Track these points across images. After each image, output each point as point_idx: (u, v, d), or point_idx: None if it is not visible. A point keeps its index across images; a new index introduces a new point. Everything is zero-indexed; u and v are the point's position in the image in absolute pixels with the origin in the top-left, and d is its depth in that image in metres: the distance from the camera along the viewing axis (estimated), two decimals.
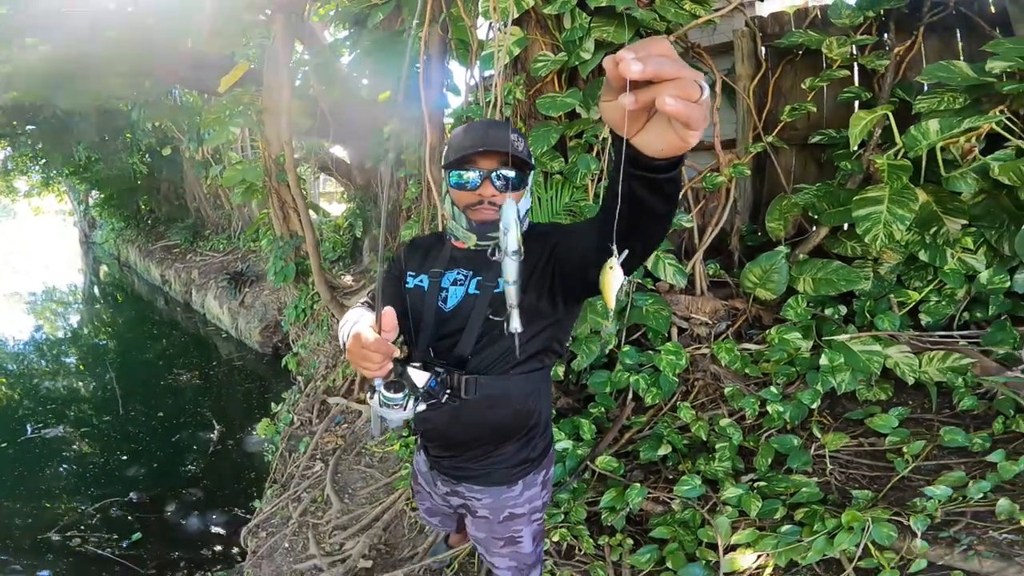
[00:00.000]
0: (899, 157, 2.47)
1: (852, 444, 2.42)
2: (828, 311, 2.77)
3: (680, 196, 0.91)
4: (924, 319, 2.66)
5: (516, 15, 2.73)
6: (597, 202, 2.84)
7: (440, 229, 2.94)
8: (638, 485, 2.26)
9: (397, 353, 1.12)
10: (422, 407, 1.25)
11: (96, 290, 13.92)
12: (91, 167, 10.12)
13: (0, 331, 9.99)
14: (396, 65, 3.40)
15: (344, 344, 1.24)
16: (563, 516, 2.33)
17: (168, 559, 3.76)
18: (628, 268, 1.04)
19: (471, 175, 1.25)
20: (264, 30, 3.92)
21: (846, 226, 2.90)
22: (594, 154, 2.85)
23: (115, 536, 4.00)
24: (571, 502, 2.37)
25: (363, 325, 1.10)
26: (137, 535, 3.98)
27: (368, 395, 1.25)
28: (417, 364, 1.27)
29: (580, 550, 2.23)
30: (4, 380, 7.54)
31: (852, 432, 2.47)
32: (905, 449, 2.23)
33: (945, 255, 2.52)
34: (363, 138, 4.30)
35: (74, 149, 9.25)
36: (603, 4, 2.65)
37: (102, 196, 14.13)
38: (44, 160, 10.92)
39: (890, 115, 2.53)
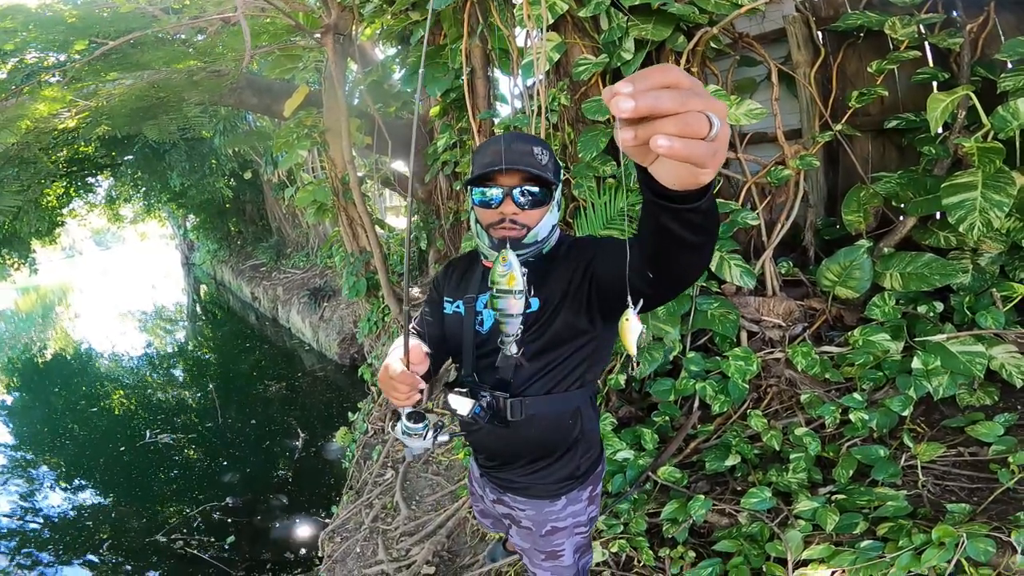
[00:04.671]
0: (989, 139, 2.24)
1: (950, 454, 2.20)
2: (921, 308, 2.54)
3: (718, 224, 0.84)
4: None
5: (551, 21, 2.71)
6: None
7: None
8: (702, 497, 2.15)
9: (423, 385, 1.18)
10: (443, 438, 1.30)
11: (197, 308, 15.12)
12: (185, 193, 10.95)
13: (118, 347, 11.08)
14: (441, 80, 3.45)
15: None
16: (622, 527, 2.26)
17: (256, 561, 3.97)
18: (663, 298, 1.04)
19: (492, 192, 1.22)
20: (318, 53, 4.12)
21: (937, 215, 2.66)
22: None
23: (213, 539, 4.27)
24: (631, 513, 2.29)
25: (394, 356, 1.17)
26: (231, 538, 4.24)
27: (392, 423, 1.31)
28: (463, 390, 1.29)
29: (639, 562, 2.16)
30: (122, 392, 8.34)
31: (950, 441, 2.25)
32: (1011, 459, 2.00)
33: None
34: (419, 152, 4.41)
35: (168, 176, 10.07)
36: (637, 2, 2.57)
37: (197, 220, 15.37)
38: (144, 188, 11.92)
39: (972, 95, 2.30)
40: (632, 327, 0.89)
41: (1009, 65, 2.48)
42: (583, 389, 1.34)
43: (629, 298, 0.89)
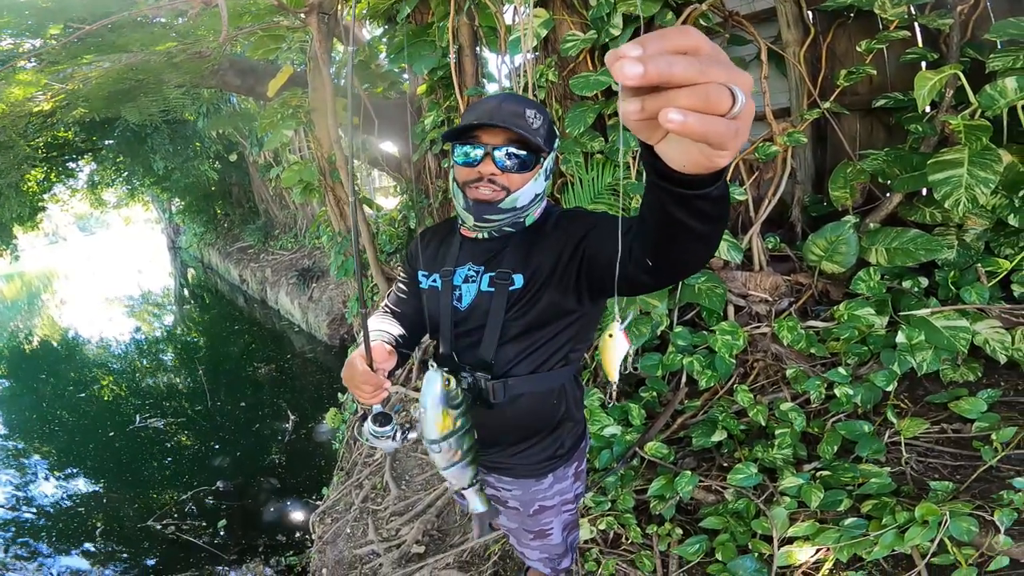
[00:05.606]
0: (976, 117, 2.23)
1: (933, 430, 2.22)
2: (906, 283, 2.55)
3: (729, 212, 0.74)
4: (1017, 290, 2.40)
5: None
6: (640, 180, 2.74)
7: None
8: (689, 473, 2.17)
9: (388, 385, 1.13)
10: (413, 435, 1.24)
11: (185, 292, 14.96)
12: (169, 176, 10.77)
13: (105, 333, 10.98)
14: (428, 57, 3.40)
15: None
16: (610, 504, 2.28)
17: (248, 545, 3.97)
18: (661, 286, 0.94)
19: (473, 151, 1.14)
20: (303, 33, 4.04)
21: (924, 192, 2.66)
22: None
23: (204, 523, 4.26)
24: (618, 489, 2.31)
25: (356, 354, 1.12)
26: (223, 522, 4.23)
27: (359, 424, 1.25)
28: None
29: (627, 539, 2.18)
30: (111, 377, 8.27)
31: (933, 417, 2.27)
32: (994, 436, 2.01)
33: None
34: (407, 131, 4.37)
35: (151, 160, 9.90)
36: None
37: (183, 204, 15.16)
38: (126, 172, 11.72)
39: (960, 75, 2.29)
40: (617, 347, 0.76)
41: (999, 45, 2.46)
42: (568, 367, 1.30)
43: (616, 311, 0.77)
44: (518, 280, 1.18)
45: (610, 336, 0.76)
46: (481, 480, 1.23)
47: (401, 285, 1.44)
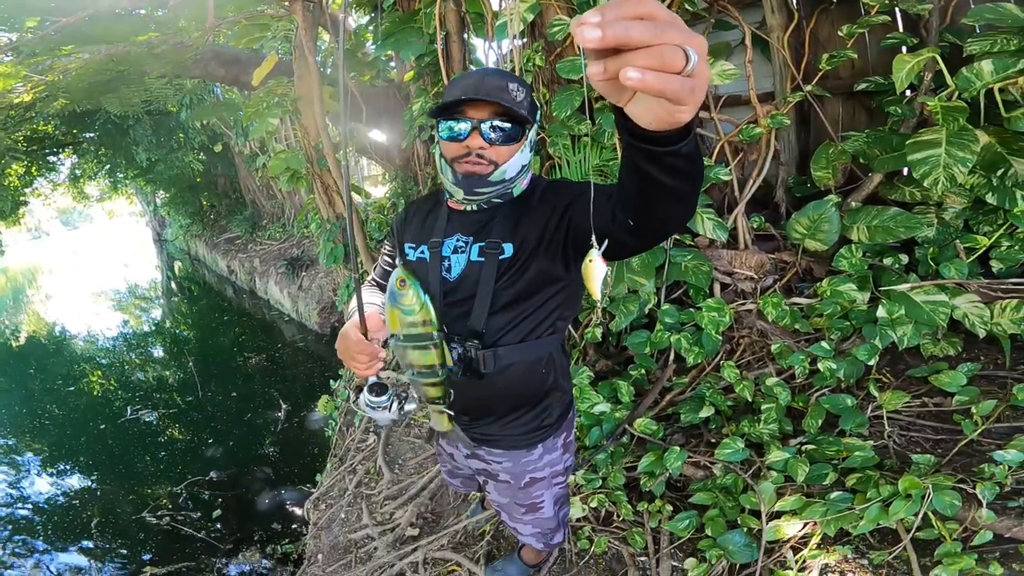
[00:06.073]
0: (953, 99, 2.28)
1: (914, 404, 2.26)
2: (887, 260, 2.59)
3: (702, 171, 0.80)
4: (996, 266, 2.44)
5: None
6: None
7: None
8: (677, 449, 2.21)
9: (383, 354, 1.15)
10: (411, 406, 1.26)
11: (172, 284, 14.84)
12: (153, 168, 10.61)
13: (93, 327, 10.88)
14: (415, 44, 3.39)
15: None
16: (601, 482, 2.32)
17: (243, 534, 4.01)
18: (644, 247, 1.01)
19: (459, 126, 1.15)
20: (288, 21, 4.00)
21: (904, 172, 2.70)
22: None
23: (199, 514, 4.29)
24: (609, 467, 2.34)
25: (350, 324, 1.13)
26: (218, 512, 4.26)
27: (354, 396, 1.25)
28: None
29: (618, 516, 2.22)
30: (100, 371, 8.21)
31: (915, 391, 2.31)
32: (974, 409, 2.04)
33: (1015, 197, 2.28)
34: (395, 119, 4.36)
35: (134, 152, 9.76)
36: None
37: (167, 196, 14.98)
38: (109, 165, 11.53)
39: (938, 58, 2.33)
40: (596, 268, 0.86)
41: (977, 30, 2.50)
42: (556, 335, 1.32)
43: (594, 238, 0.87)
44: (508, 249, 1.20)
45: (590, 261, 0.87)
46: (447, 407, 1.26)
47: (387, 258, 1.45)
